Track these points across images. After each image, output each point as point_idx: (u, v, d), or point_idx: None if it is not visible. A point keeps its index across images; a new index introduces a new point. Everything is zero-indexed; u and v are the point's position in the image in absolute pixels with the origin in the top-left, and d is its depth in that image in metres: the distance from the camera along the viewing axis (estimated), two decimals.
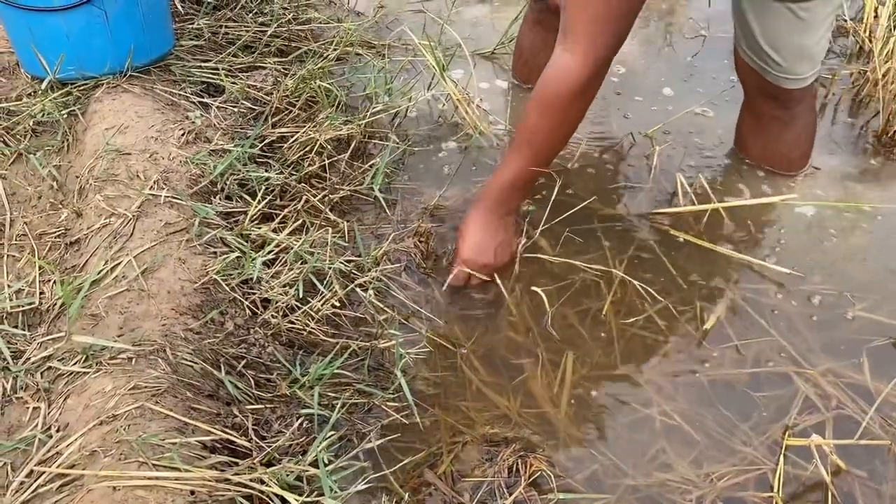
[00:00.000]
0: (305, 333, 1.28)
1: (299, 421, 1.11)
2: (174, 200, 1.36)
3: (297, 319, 1.27)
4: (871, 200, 1.69)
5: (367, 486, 1.09)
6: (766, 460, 1.21)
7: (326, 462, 1.10)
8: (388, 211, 1.55)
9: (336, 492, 1.04)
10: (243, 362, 1.21)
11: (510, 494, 1.11)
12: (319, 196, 1.47)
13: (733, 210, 1.63)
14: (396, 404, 1.22)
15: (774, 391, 1.31)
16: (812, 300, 1.46)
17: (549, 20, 1.79)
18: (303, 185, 1.49)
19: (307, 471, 1.07)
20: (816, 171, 1.75)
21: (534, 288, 1.40)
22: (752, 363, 1.35)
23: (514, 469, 1.15)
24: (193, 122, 1.49)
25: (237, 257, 1.29)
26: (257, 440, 1.12)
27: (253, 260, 1.29)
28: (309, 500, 1.02)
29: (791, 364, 1.35)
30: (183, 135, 1.47)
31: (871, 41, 2.09)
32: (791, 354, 1.36)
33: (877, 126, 1.87)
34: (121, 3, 1.56)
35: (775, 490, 1.16)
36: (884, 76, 1.89)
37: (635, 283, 1.43)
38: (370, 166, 1.59)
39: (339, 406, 1.15)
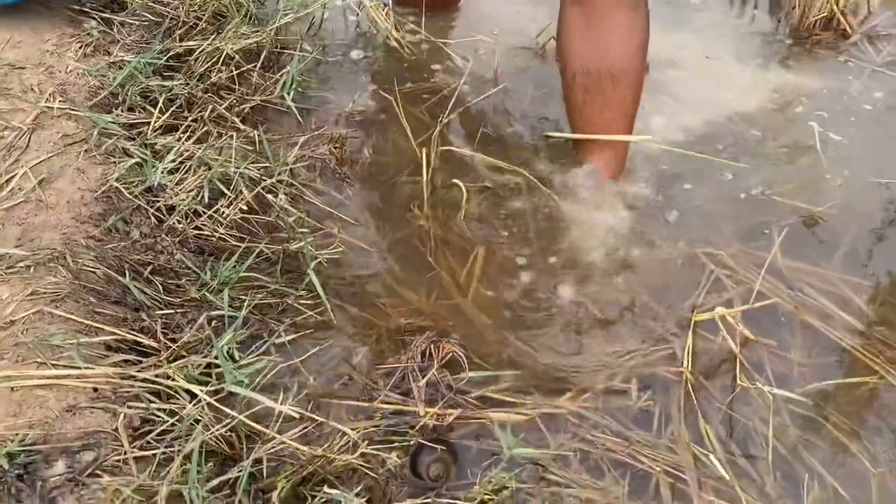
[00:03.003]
0: (215, 239, 1.26)
1: (203, 316, 1.10)
2: (72, 112, 1.31)
3: (205, 225, 1.25)
4: (786, 88, 1.72)
5: (275, 376, 1.09)
6: (677, 337, 1.23)
7: (236, 358, 1.09)
8: (301, 120, 1.52)
9: (242, 381, 1.04)
10: (150, 268, 1.19)
11: (423, 377, 1.12)
12: (226, 104, 1.43)
13: None
14: (309, 302, 1.21)
15: (685, 272, 1.33)
16: (722, 179, 1.49)
17: None
18: (209, 95, 1.45)
19: (215, 364, 1.06)
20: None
21: (455, 180, 1.39)
22: (663, 246, 1.37)
23: (427, 354, 1.16)
24: (91, 35, 1.43)
25: (138, 164, 1.26)
26: (166, 341, 1.11)
27: (154, 167, 1.26)
28: (214, 389, 1.02)
29: (702, 245, 1.37)
30: (81, 48, 1.42)
31: None
32: (702, 236, 1.39)
33: (794, 21, 1.89)
34: None
35: (685, 365, 1.18)
36: None
37: (545, 190, 1.45)
38: (281, 76, 1.55)
39: (246, 304, 1.14)
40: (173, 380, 1.03)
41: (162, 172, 1.27)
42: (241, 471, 0.95)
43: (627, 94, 1.44)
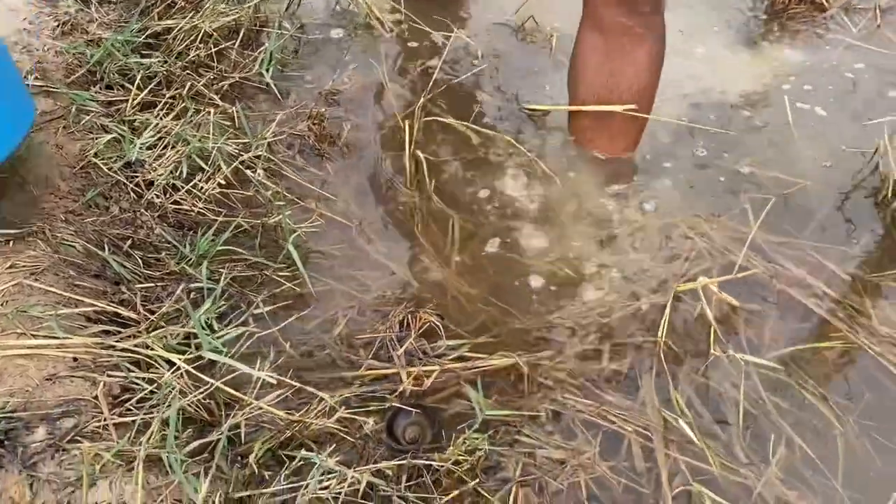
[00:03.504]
0: (194, 214, 1.27)
1: (181, 287, 1.11)
2: (50, 89, 1.32)
3: (184, 199, 1.26)
4: (763, 62, 1.73)
5: (254, 346, 1.11)
6: (656, 304, 1.25)
7: (215, 328, 1.11)
8: (280, 97, 1.53)
9: (219, 348, 1.05)
10: (129, 243, 1.20)
11: (401, 346, 1.14)
12: (204, 81, 1.44)
13: None
14: (288, 274, 1.23)
15: (669, 243, 1.35)
16: (700, 154, 1.51)
17: None
18: (188, 72, 1.46)
19: (194, 334, 1.08)
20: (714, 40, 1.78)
21: (418, 152, 1.40)
22: (647, 217, 1.39)
23: (405, 324, 1.18)
24: (67, 13, 1.43)
25: (116, 140, 1.27)
26: (146, 313, 1.12)
27: (132, 143, 1.26)
28: (192, 357, 1.03)
29: (683, 218, 1.39)
30: (58, 26, 1.42)
31: None
32: (683, 210, 1.41)
33: None
34: None
35: (660, 332, 1.20)
36: None
37: (526, 152, 1.46)
38: (260, 53, 1.56)
39: (224, 276, 1.16)
40: (152, 349, 1.04)
41: (140, 148, 1.28)
42: (219, 435, 0.96)
43: (635, 123, 1.44)
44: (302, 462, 0.97)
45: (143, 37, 1.51)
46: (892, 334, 1.21)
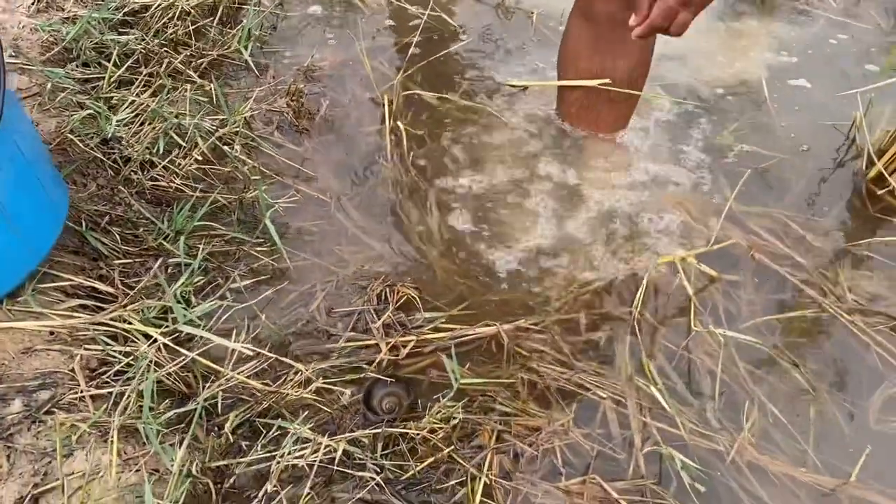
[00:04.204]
0: (171, 190, 1.27)
1: (159, 262, 1.11)
2: (25, 67, 1.31)
3: (161, 175, 1.26)
4: (742, 36, 1.73)
5: (232, 320, 1.11)
6: (634, 276, 1.26)
7: (192, 302, 1.11)
8: (259, 74, 1.52)
9: (194, 321, 1.06)
10: (107, 218, 1.20)
11: (379, 318, 1.15)
12: (182, 58, 1.43)
13: None
14: (266, 249, 1.23)
15: (647, 217, 1.36)
16: (678, 127, 1.52)
17: None
18: (165, 50, 1.45)
19: (170, 307, 1.08)
20: None
21: (399, 122, 1.40)
22: (627, 191, 1.40)
23: (384, 297, 1.18)
24: None
25: (93, 117, 1.27)
26: (124, 288, 1.12)
27: (108, 119, 1.26)
28: (169, 330, 1.04)
29: (662, 190, 1.40)
30: (34, 3, 1.41)
31: None
32: (664, 182, 1.42)
33: None
34: None
35: (635, 304, 1.21)
36: None
37: (506, 124, 1.46)
38: (238, 30, 1.55)
39: (201, 251, 1.16)
40: (129, 323, 1.05)
41: (117, 125, 1.28)
42: (195, 405, 0.97)
43: (622, 113, 1.45)
44: (279, 432, 0.98)
45: (121, 14, 1.50)
46: (863, 303, 1.22)
